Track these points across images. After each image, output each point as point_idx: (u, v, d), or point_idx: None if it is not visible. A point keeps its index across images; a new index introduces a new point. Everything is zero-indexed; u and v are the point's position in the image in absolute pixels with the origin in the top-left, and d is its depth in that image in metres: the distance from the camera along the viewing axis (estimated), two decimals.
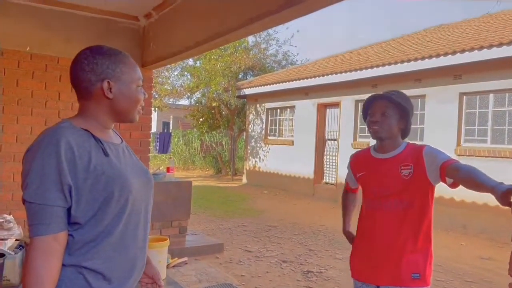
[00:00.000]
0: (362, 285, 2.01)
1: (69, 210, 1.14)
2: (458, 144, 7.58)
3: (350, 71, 9.27)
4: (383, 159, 1.98)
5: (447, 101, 7.75)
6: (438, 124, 7.88)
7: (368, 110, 2.02)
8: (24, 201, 1.12)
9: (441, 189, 1.94)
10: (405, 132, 2.00)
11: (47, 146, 1.12)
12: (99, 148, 1.21)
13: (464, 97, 7.60)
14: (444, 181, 1.82)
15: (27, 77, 4.06)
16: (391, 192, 1.91)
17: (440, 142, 7.28)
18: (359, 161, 2.14)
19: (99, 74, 1.24)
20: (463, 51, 7.09)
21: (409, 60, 8.00)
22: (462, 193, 7.08)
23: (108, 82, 1.24)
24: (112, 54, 1.27)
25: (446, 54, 7.32)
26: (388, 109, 1.93)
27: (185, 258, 4.63)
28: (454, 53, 7.22)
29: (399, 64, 8.20)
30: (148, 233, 1.35)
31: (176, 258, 4.53)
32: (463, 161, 1.78)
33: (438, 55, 7.46)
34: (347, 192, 2.35)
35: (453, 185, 1.82)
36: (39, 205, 1.10)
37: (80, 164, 1.14)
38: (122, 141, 1.38)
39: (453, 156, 7.09)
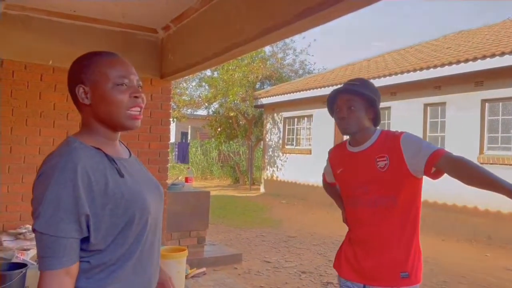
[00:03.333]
0: (347, 283, 1.95)
1: (87, 238, 1.06)
2: (481, 152, 7.41)
3: (368, 79, 9.19)
4: (357, 153, 1.89)
5: (468, 108, 7.60)
6: (460, 132, 7.72)
7: (333, 105, 1.94)
8: (34, 230, 1.02)
9: (465, 199, 1.87)
10: (376, 121, 1.90)
11: (62, 172, 1.02)
12: (114, 169, 1.13)
13: (486, 104, 7.45)
14: (428, 172, 1.71)
15: (50, 90, 4.16)
16: (369, 187, 1.82)
17: (462, 150, 7.09)
18: (336, 157, 2.05)
19: (73, 81, 1.16)
20: (484, 57, 6.97)
21: (428, 67, 7.90)
22: (486, 202, 6.89)
23: (82, 87, 1.14)
24: (89, 57, 1.18)
25: (466, 60, 7.20)
26: (353, 102, 1.84)
27: (204, 269, 4.62)
28: (474, 59, 7.09)
29: (418, 71, 8.11)
30: (160, 249, 1.30)
31: (195, 269, 4.53)
32: (488, 169, 1.70)
33: (458, 62, 7.34)
34: (327, 184, 2.28)
35: (435, 175, 1.71)
36: (52, 236, 1.00)
37: (97, 189, 1.06)
38: (130, 154, 1.30)
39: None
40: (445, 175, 1.72)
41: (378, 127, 1.94)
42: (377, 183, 1.81)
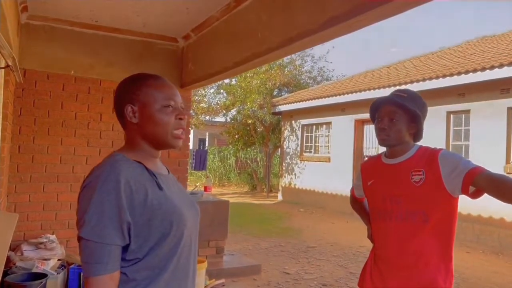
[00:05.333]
0: None
1: (127, 246, 1.11)
2: (508, 161, 7.17)
3: (389, 86, 9.04)
4: (393, 165, 1.83)
5: (494, 116, 7.37)
6: (485, 141, 7.49)
7: (376, 113, 1.87)
8: (80, 238, 1.09)
9: (490, 210, 1.77)
10: (417, 136, 1.84)
11: (106, 182, 1.09)
12: (154, 182, 1.18)
13: None
14: (466, 191, 1.63)
15: (71, 99, 4.19)
16: (402, 200, 1.74)
17: (488, 159, 6.91)
18: (369, 169, 1.99)
19: (123, 100, 1.23)
20: (510, 64, 6.76)
21: (451, 74, 7.71)
22: None
23: (131, 106, 1.21)
24: (139, 78, 1.25)
25: (492, 67, 7.00)
26: (396, 114, 1.77)
27: (223, 280, 4.55)
28: (501, 66, 6.89)
29: (440, 78, 7.93)
30: (196, 264, 1.32)
31: (213, 280, 4.46)
32: None
33: (483, 69, 7.14)
34: (355, 199, 2.22)
35: (474, 195, 1.63)
36: (96, 243, 1.06)
37: (137, 199, 1.11)
38: (168, 172, 1.36)
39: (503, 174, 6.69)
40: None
41: (417, 143, 1.87)
42: (409, 197, 1.73)
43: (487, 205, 6.66)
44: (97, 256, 1.06)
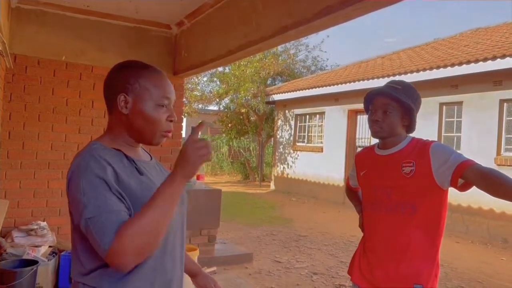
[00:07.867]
0: None
1: None
2: (498, 153, 7.24)
3: (383, 77, 9.05)
4: (385, 156, 1.84)
5: (486, 108, 7.42)
6: (477, 132, 7.56)
7: (369, 105, 1.87)
8: (86, 223, 1.02)
9: (480, 201, 1.79)
10: (409, 128, 1.84)
11: (88, 164, 1.08)
12: (133, 168, 1.17)
13: (505, 104, 7.26)
14: (455, 184, 1.64)
15: (62, 85, 4.13)
16: (392, 192, 1.76)
17: (479, 151, 6.98)
18: (362, 159, 2.01)
19: (116, 87, 1.19)
20: (503, 56, 6.78)
21: (445, 66, 7.73)
22: (502, 204, 6.74)
23: (124, 96, 1.18)
24: (136, 67, 1.21)
25: (485, 59, 7.02)
26: (389, 107, 1.77)
27: (214, 268, 4.56)
28: (494, 58, 6.91)
29: (434, 69, 7.95)
30: (184, 251, 1.31)
31: (205, 268, 4.48)
32: (504, 171, 1.61)
33: (476, 61, 7.16)
34: (350, 188, 2.25)
35: (463, 188, 1.64)
36: (106, 213, 1.01)
37: (122, 180, 1.10)
38: (151, 158, 1.34)
39: (493, 166, 6.77)
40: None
41: (410, 135, 1.88)
42: (399, 188, 1.75)
43: (477, 196, 6.73)
44: (111, 222, 1.00)
